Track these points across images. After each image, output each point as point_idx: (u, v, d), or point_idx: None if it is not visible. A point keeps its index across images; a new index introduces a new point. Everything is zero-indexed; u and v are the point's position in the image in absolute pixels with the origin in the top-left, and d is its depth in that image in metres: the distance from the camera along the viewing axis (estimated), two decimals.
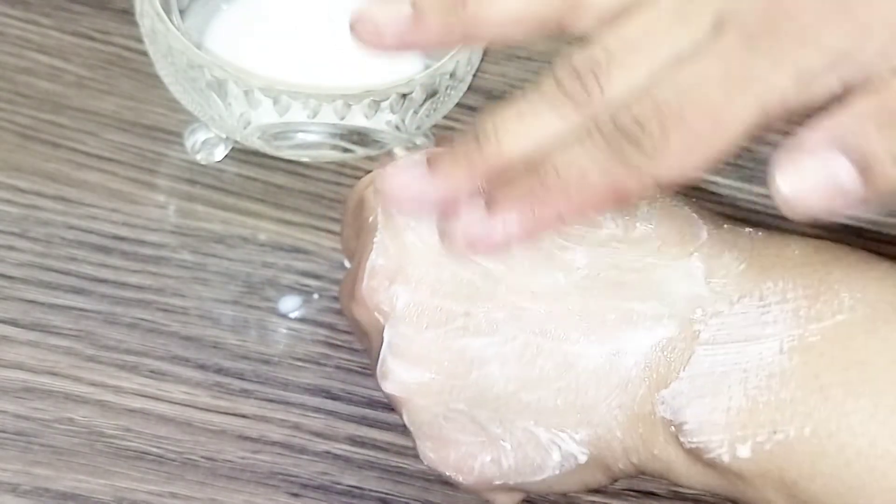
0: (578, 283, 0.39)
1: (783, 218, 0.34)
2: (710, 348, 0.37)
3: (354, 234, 0.42)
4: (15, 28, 0.54)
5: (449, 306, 0.39)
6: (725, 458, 0.37)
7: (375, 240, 0.40)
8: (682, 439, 0.37)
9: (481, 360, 0.39)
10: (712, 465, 0.37)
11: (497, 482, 0.40)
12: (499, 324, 0.38)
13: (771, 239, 0.40)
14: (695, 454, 0.37)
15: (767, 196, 0.34)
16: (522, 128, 0.37)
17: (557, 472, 0.39)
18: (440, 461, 0.40)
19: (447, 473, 0.41)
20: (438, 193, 0.38)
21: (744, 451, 0.36)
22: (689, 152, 0.35)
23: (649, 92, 0.35)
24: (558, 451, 0.39)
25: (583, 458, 0.39)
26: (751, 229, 0.40)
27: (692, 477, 0.38)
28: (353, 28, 0.39)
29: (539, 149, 0.37)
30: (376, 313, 0.40)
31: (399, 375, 0.39)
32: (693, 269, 0.38)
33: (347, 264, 0.44)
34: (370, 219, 0.41)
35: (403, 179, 0.38)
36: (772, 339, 0.37)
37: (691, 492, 0.46)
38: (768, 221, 0.53)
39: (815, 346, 0.36)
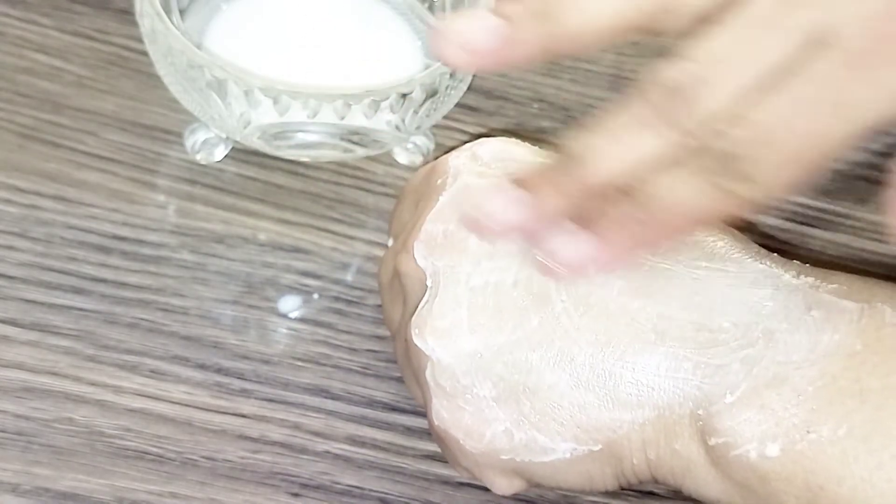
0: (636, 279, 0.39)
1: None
2: (754, 353, 0.37)
3: (414, 202, 0.43)
4: (15, 28, 0.54)
5: (498, 275, 0.39)
6: (752, 456, 0.37)
7: (442, 196, 0.41)
8: (709, 435, 0.37)
9: (522, 331, 0.39)
10: (736, 464, 0.37)
11: (504, 456, 0.40)
12: (544, 302, 0.39)
13: (816, 269, 0.40)
14: (719, 453, 0.37)
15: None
16: (615, 149, 0.36)
17: (568, 455, 0.39)
18: (453, 422, 0.40)
19: (456, 436, 0.40)
20: (530, 216, 0.37)
21: (773, 450, 0.36)
22: (786, 171, 0.35)
23: (744, 113, 0.35)
24: (574, 432, 0.39)
25: (597, 445, 0.39)
26: (795, 261, 0.41)
27: (709, 482, 0.38)
28: (437, 45, 0.37)
29: (632, 171, 0.36)
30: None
31: (434, 328, 0.39)
32: (748, 287, 0.39)
33: (390, 243, 0.44)
34: (439, 181, 0.42)
35: (493, 202, 0.37)
36: (814, 346, 0.37)
37: None
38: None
39: (858, 354, 0.37)
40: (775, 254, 0.41)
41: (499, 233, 0.38)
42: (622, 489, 0.42)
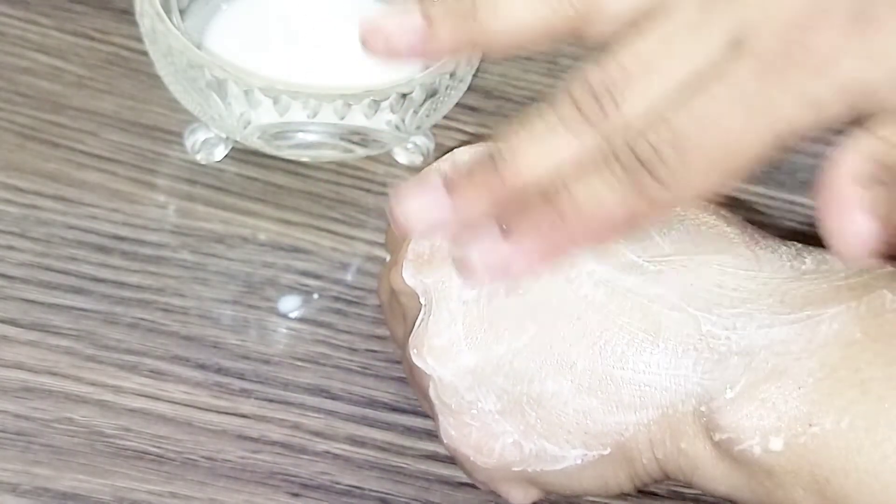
0: (622, 281, 0.39)
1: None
2: (751, 345, 0.37)
3: None
4: (15, 28, 0.54)
5: (489, 285, 0.39)
6: (756, 451, 0.36)
7: None
8: (713, 430, 0.37)
9: (519, 341, 0.39)
10: (741, 459, 0.37)
11: (516, 468, 0.40)
12: (539, 309, 0.39)
13: (814, 251, 0.40)
14: (724, 448, 0.37)
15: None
16: (538, 150, 0.37)
17: (579, 461, 0.39)
18: (461, 439, 0.40)
19: (466, 453, 0.40)
20: (454, 216, 0.38)
21: (776, 444, 0.36)
22: (703, 178, 0.36)
23: (665, 117, 0.35)
24: (582, 438, 0.39)
25: (606, 449, 0.39)
26: (792, 243, 0.40)
27: (717, 477, 0.38)
28: (363, 38, 0.39)
29: (555, 171, 0.37)
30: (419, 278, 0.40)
31: (431, 347, 0.39)
32: (742, 275, 0.39)
33: (388, 258, 0.44)
34: None
35: (419, 203, 0.38)
36: (812, 335, 0.37)
37: (691, 492, 0.46)
38: (786, 225, 0.54)
39: (857, 343, 0.36)
40: (772, 237, 0.40)
41: (421, 232, 0.39)
42: (639, 491, 0.42)
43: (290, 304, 0.49)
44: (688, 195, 0.36)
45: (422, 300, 0.40)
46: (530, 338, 0.39)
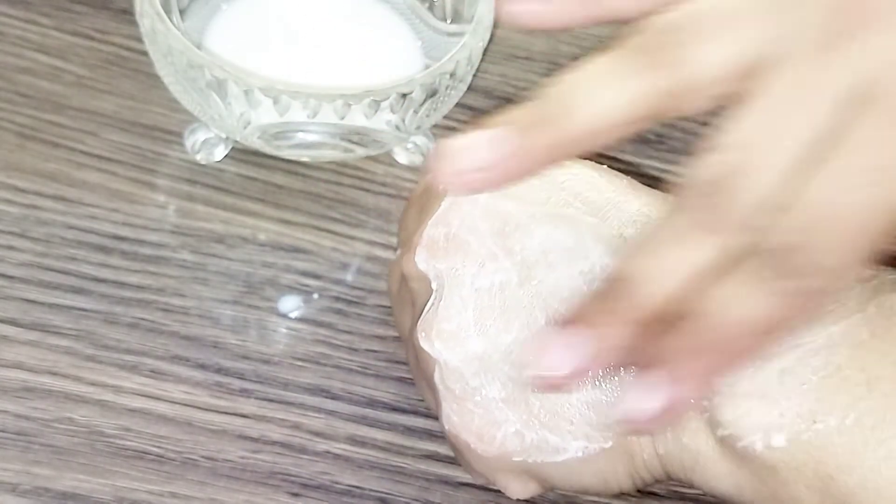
0: None
1: None
2: None
3: (418, 210, 0.43)
4: (15, 28, 0.54)
5: (503, 275, 0.39)
6: (759, 447, 0.36)
7: (444, 201, 0.41)
8: (715, 426, 0.37)
9: (529, 330, 0.39)
10: (744, 455, 0.37)
11: (516, 458, 0.40)
12: (551, 300, 0.39)
13: None
14: (727, 444, 0.37)
15: None
16: (665, 265, 0.34)
17: (580, 454, 0.39)
18: (463, 426, 0.40)
19: (467, 440, 0.40)
20: (593, 357, 0.33)
21: (779, 441, 0.36)
22: (850, 254, 0.33)
23: (791, 199, 0.32)
24: (585, 430, 0.39)
25: (608, 442, 0.39)
26: None
27: (719, 474, 0.38)
28: (433, 169, 0.35)
29: (687, 287, 0.33)
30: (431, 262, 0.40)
31: (440, 331, 0.39)
32: None
33: (398, 252, 0.45)
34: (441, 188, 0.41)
35: (549, 352, 0.33)
36: (819, 335, 0.37)
37: (692, 492, 0.46)
38: None
39: (865, 343, 0.36)
40: None
41: (566, 382, 0.34)
42: (639, 491, 0.42)
43: (290, 304, 0.49)
44: (836, 279, 0.33)
45: (433, 285, 0.40)
46: (541, 328, 0.39)
